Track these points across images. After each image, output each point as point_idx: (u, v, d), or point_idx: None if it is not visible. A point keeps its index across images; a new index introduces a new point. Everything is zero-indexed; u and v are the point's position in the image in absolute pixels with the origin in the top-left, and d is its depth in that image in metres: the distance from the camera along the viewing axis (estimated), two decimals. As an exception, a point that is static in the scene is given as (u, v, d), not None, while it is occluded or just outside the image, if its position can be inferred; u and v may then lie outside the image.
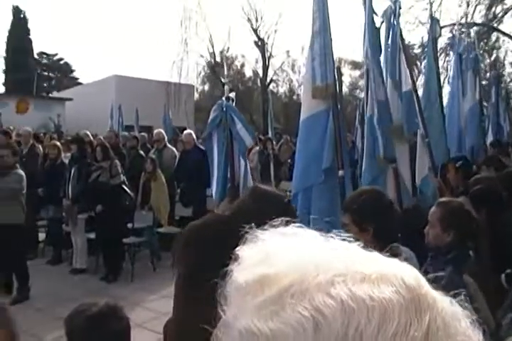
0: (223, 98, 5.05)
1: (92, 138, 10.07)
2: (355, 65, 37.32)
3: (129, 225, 8.26)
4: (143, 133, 13.85)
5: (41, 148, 10.54)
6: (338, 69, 29.12)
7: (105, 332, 2.09)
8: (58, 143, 9.13)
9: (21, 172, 6.60)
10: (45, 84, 53.88)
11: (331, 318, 0.50)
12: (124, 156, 9.54)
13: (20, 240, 6.63)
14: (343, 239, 0.62)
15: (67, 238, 8.37)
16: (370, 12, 5.46)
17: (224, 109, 4.91)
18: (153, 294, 7.12)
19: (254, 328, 0.51)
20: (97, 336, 2.08)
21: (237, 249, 0.63)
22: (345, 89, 36.77)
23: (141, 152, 10.14)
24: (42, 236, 9.31)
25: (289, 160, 10.96)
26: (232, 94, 5.15)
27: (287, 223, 0.67)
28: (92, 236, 8.01)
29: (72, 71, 57.84)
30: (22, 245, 6.87)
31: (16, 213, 6.54)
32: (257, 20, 35.45)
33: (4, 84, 48.67)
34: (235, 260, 0.61)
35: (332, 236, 0.62)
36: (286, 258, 0.57)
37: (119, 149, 9.74)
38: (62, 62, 57.04)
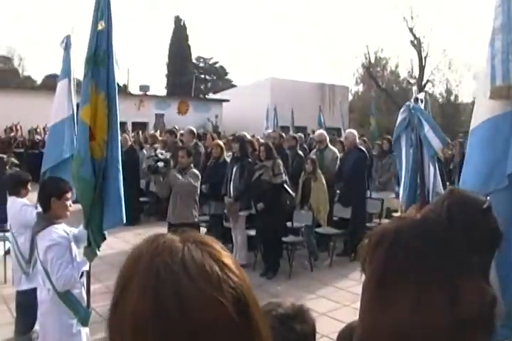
0: (411, 99, 4.85)
1: (250, 138, 10.31)
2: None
3: (288, 224, 8.34)
4: (299, 134, 13.97)
5: (203, 147, 11.03)
6: None
7: (290, 334, 2.05)
8: (221, 143, 9.46)
9: (196, 171, 6.90)
10: (202, 87, 56.35)
11: None
12: (287, 156, 9.64)
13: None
14: None
15: (227, 233, 8.61)
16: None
17: (412, 111, 4.71)
18: (311, 293, 7.12)
19: None
20: (280, 338, 2.05)
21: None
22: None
23: (300, 152, 10.21)
24: (203, 230, 9.69)
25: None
26: (421, 95, 4.94)
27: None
28: (252, 233, 8.19)
29: (226, 74, 59.97)
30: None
31: (191, 212, 7.04)
32: (412, 19, 34.44)
33: (166, 88, 51.77)
34: None
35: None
36: None
37: (283, 149, 9.85)
38: (217, 65, 59.31)
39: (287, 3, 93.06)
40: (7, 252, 6.54)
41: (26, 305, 5.30)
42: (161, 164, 6.88)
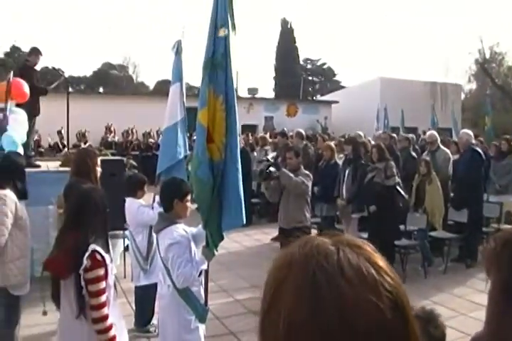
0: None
1: (364, 139, 10.20)
2: None
3: (402, 227, 8.15)
4: (411, 135, 13.63)
5: (312, 149, 11.03)
6: None
7: (423, 338, 2.01)
8: (332, 144, 9.42)
9: (307, 172, 6.85)
10: (310, 89, 56.36)
11: None
12: (399, 158, 9.43)
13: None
14: None
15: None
16: None
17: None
18: (426, 299, 6.89)
19: None
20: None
21: None
22: None
23: (413, 153, 9.95)
24: (314, 232, 9.69)
25: None
26: None
27: None
28: (365, 236, 8.05)
29: (334, 75, 59.60)
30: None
31: (303, 214, 6.81)
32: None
33: (274, 90, 52.30)
34: None
35: None
36: None
37: (393, 150, 9.65)
38: (325, 66, 59.07)
39: None
40: (126, 249, 6.87)
41: (145, 299, 5.56)
42: (272, 169, 6.68)
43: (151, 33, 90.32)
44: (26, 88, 7.74)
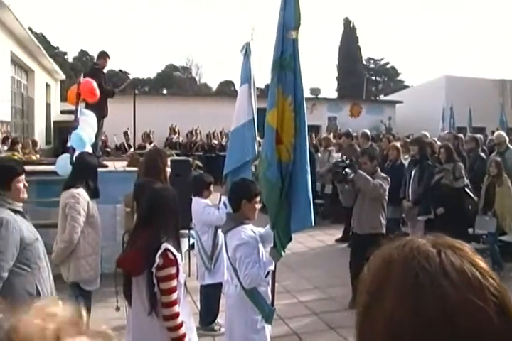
0: None
1: (430, 139, 9.98)
2: None
3: (470, 230, 7.93)
4: (479, 135, 13.22)
5: (377, 149, 10.87)
6: None
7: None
8: (398, 145, 9.26)
9: (384, 175, 6.62)
10: (373, 88, 55.77)
11: None
12: (465, 159, 9.18)
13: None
14: None
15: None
16: None
17: None
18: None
19: None
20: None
21: None
22: None
23: (482, 154, 9.66)
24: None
25: None
26: None
27: None
28: (431, 239, 7.90)
29: (398, 74, 58.76)
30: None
31: (379, 220, 6.46)
32: None
33: (337, 90, 52.01)
34: None
35: None
36: None
37: (460, 151, 9.41)
38: (388, 66, 58.33)
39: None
40: (191, 248, 6.96)
41: (209, 298, 5.62)
42: (348, 171, 6.34)
43: (215, 34, 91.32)
44: (96, 88, 7.98)
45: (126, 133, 18.55)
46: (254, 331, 3.99)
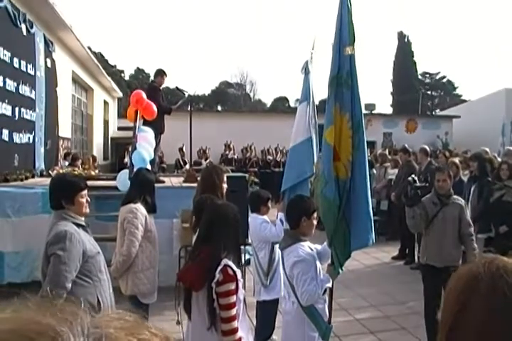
0: None
1: (490, 155, 9.74)
2: None
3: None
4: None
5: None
6: None
7: None
8: (457, 161, 9.09)
9: (461, 198, 6.00)
10: (428, 103, 54.93)
11: None
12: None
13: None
14: None
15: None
16: None
17: None
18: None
19: None
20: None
21: None
22: None
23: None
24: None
25: None
26: None
27: None
28: (491, 257, 7.67)
29: (455, 88, 57.70)
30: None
31: (460, 251, 5.76)
32: None
33: (392, 106, 51.44)
34: None
35: None
36: None
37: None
38: (444, 80, 57.38)
39: None
40: (247, 263, 6.98)
41: (265, 314, 5.61)
42: (421, 192, 5.57)
43: (268, 50, 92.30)
44: (154, 107, 8.18)
45: (181, 149, 18.86)
46: (311, 347, 3.99)
